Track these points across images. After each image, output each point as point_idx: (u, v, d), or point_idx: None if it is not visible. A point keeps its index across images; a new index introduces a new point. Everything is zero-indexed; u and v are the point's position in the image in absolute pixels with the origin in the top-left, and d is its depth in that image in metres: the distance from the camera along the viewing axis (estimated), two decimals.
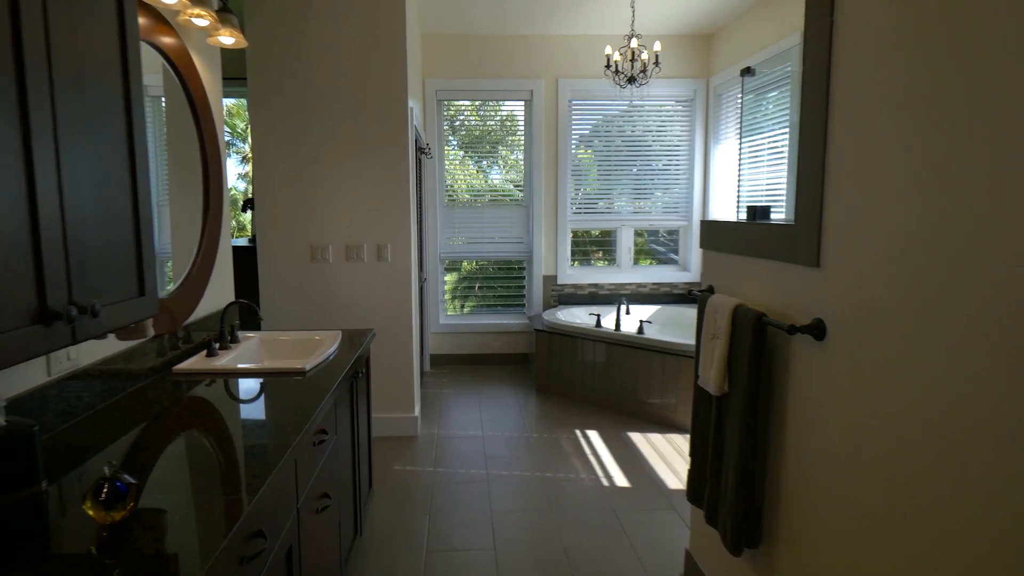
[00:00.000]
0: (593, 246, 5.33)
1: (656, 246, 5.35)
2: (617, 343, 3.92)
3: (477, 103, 5.04)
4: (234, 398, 1.61)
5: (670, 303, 5.21)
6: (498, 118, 5.11)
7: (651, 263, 5.35)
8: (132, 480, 0.92)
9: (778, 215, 3.27)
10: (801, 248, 1.40)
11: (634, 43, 3.76)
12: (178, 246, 2.10)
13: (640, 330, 3.99)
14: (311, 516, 1.48)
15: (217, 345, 2.02)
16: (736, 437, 1.57)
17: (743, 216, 3.84)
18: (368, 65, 3.20)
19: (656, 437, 3.52)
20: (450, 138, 5.08)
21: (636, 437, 3.52)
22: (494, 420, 3.79)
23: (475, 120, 5.13)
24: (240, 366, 1.89)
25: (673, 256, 5.35)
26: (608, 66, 3.91)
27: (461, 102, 5.00)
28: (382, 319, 3.35)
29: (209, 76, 2.21)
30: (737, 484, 1.58)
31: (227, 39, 2.06)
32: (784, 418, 1.51)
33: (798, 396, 1.44)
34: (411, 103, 3.41)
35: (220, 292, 2.30)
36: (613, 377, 3.95)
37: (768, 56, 4.15)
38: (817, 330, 1.33)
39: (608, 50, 3.91)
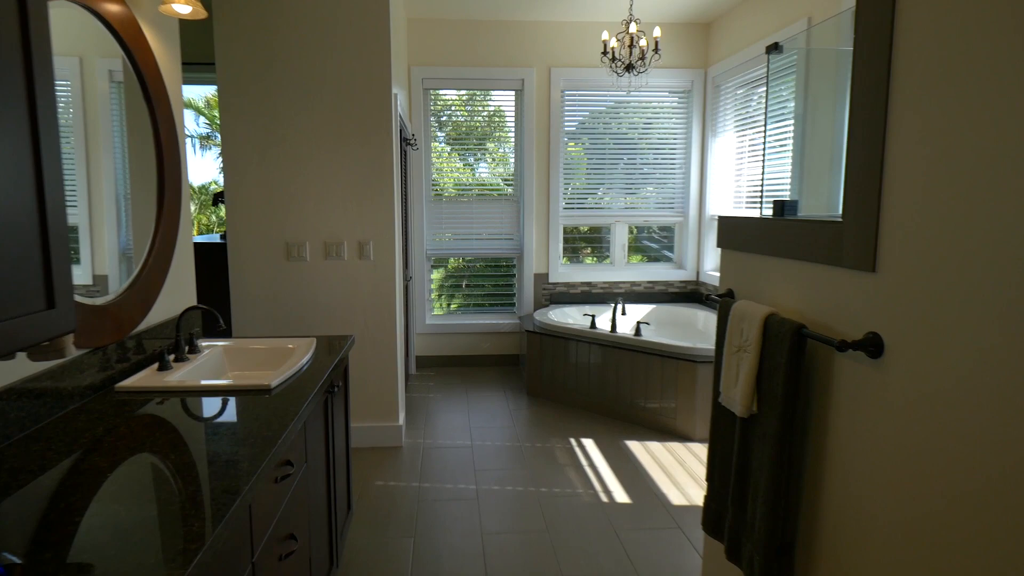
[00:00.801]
0: (583, 242, 5.13)
1: (648, 243, 5.15)
2: (613, 345, 3.72)
3: (465, 94, 4.79)
4: (182, 424, 1.38)
5: (665, 302, 5.03)
6: (485, 113, 4.88)
7: (642, 260, 5.16)
8: (13, 560, 0.69)
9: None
10: (850, 249, 1.20)
11: (633, 28, 3.54)
12: (139, 244, 1.86)
13: (637, 331, 3.80)
14: (273, 564, 1.25)
15: (172, 357, 1.78)
16: (767, 464, 1.37)
17: (767, 211, 3.65)
18: (349, 48, 2.96)
19: (655, 446, 3.32)
20: (438, 133, 4.84)
21: (634, 446, 3.32)
22: (484, 427, 3.57)
23: (462, 115, 4.89)
24: (195, 382, 1.66)
25: (667, 253, 5.16)
26: (605, 52, 3.70)
27: (448, 93, 4.75)
28: (364, 322, 3.12)
29: (164, 53, 1.96)
30: (768, 516, 1.38)
31: (182, 7, 1.82)
32: (824, 444, 1.31)
33: (844, 420, 1.24)
34: (395, 90, 3.17)
35: (178, 295, 2.06)
36: (608, 381, 3.75)
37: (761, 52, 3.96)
38: (872, 346, 1.12)
39: (605, 35, 3.70)
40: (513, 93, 4.78)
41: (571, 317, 4.71)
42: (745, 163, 4.39)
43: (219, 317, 1.82)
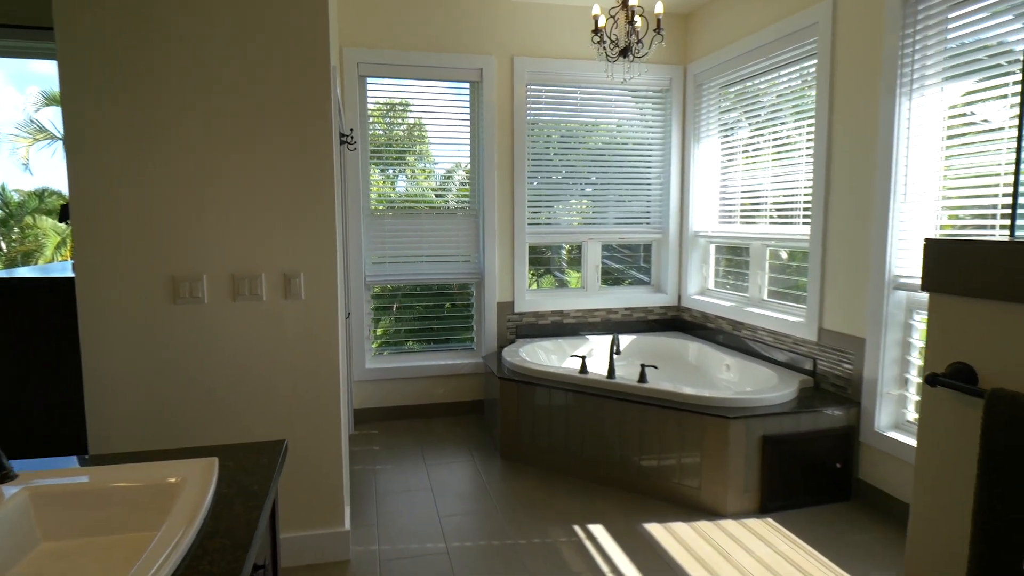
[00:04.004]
0: (539, 265, 4.36)
1: (612, 263, 4.47)
2: (615, 396, 2.97)
3: (408, 82, 3.93)
4: None
5: (643, 331, 4.37)
6: (433, 105, 4.03)
7: (604, 283, 4.47)
8: None
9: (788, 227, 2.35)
10: None
11: (634, 0, 2.85)
12: None
13: (642, 376, 3.07)
14: None
15: None
16: None
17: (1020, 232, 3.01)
18: (268, 3, 2.05)
19: (681, 529, 2.59)
20: (378, 131, 3.94)
21: (656, 531, 2.57)
22: (457, 515, 2.70)
23: (397, 114, 4.02)
24: None
25: (640, 276, 4.51)
26: (596, 31, 2.98)
27: (388, 81, 3.87)
28: (292, 388, 2.18)
29: None
30: None
31: None
32: None
33: None
34: (335, 62, 2.29)
35: None
36: (610, 442, 2.99)
37: (763, 41, 3.41)
38: None
39: (596, 9, 2.98)
40: (468, 85, 3.97)
41: (546, 354, 3.93)
42: (739, 171, 3.82)
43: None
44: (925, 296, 2.59)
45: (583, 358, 3.27)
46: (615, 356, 3.19)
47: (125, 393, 2.04)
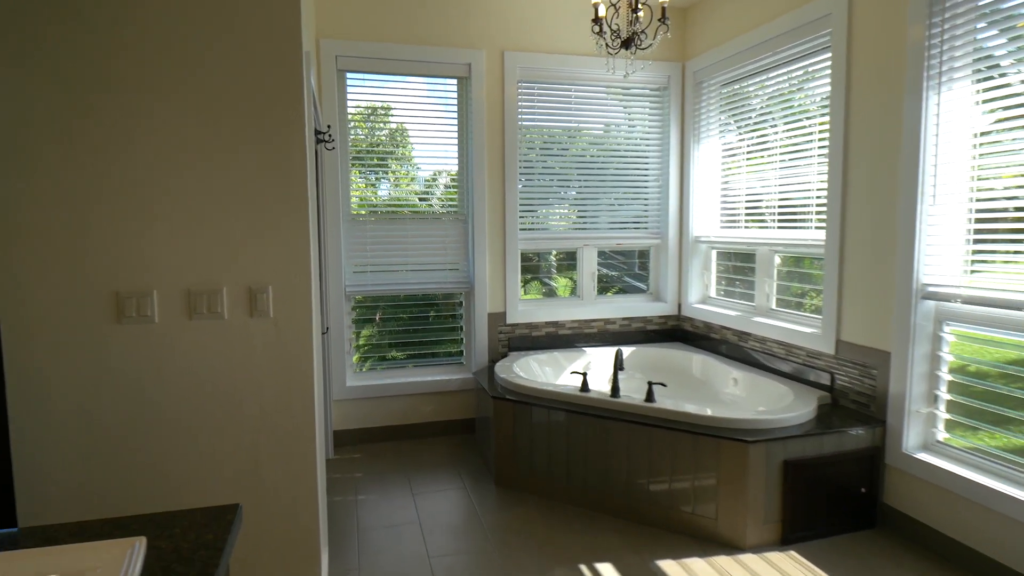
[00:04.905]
0: (526, 273, 4.10)
1: (606, 270, 4.22)
2: (618, 418, 2.72)
3: (391, 79, 3.65)
4: None
5: (641, 342, 4.13)
6: (418, 103, 3.77)
7: (600, 292, 4.23)
8: None
9: (804, 232, 2.05)
10: None
11: None
12: None
13: (649, 395, 2.82)
14: None
15: None
16: None
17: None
18: None
19: (698, 565, 2.34)
20: (360, 135, 3.66)
21: (672, 569, 2.32)
22: (450, 556, 2.42)
23: (379, 118, 3.74)
24: None
25: (635, 283, 4.28)
26: (596, 20, 2.75)
27: (370, 79, 3.59)
28: (261, 425, 1.89)
29: None
30: None
31: None
32: None
33: None
34: (307, 48, 2.02)
35: None
36: (616, 468, 2.73)
37: (770, 35, 3.21)
38: None
39: None
40: (455, 81, 3.71)
41: (540, 367, 3.67)
42: (743, 172, 3.60)
43: None
44: (956, 306, 2.39)
45: (584, 375, 3.01)
46: (619, 372, 2.93)
47: (57, 432, 1.73)
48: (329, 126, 3.32)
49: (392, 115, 3.70)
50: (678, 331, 4.20)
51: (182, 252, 1.80)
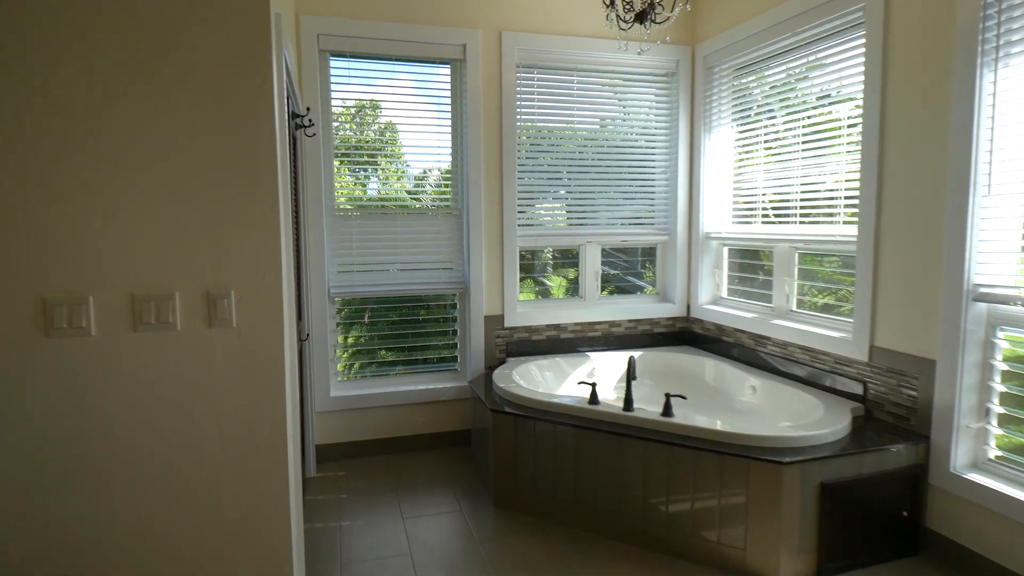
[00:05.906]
0: (523, 272, 3.80)
1: (608, 268, 3.94)
2: (633, 435, 2.44)
3: (380, 66, 3.34)
4: None
5: (648, 345, 3.86)
6: (409, 90, 3.46)
7: (605, 292, 3.94)
8: None
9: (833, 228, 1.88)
10: None
11: None
12: None
13: (667, 408, 2.54)
14: None
15: None
16: None
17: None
18: None
19: None
20: (347, 131, 3.35)
21: None
22: None
23: (367, 115, 3.43)
24: None
25: (638, 283, 4.00)
26: None
27: (356, 64, 3.28)
28: (222, 457, 1.59)
29: None
30: None
31: None
32: None
33: None
34: (276, 10, 1.72)
35: None
36: (630, 489, 2.46)
37: (791, 14, 2.94)
38: None
39: None
40: (448, 66, 3.41)
41: (541, 374, 3.39)
42: (759, 164, 3.34)
43: None
44: (1011, 309, 2.13)
45: (593, 385, 2.73)
46: (632, 382, 2.66)
47: None
48: (309, 108, 3.01)
49: (381, 110, 3.38)
50: (687, 334, 3.94)
51: (124, 250, 1.49)
